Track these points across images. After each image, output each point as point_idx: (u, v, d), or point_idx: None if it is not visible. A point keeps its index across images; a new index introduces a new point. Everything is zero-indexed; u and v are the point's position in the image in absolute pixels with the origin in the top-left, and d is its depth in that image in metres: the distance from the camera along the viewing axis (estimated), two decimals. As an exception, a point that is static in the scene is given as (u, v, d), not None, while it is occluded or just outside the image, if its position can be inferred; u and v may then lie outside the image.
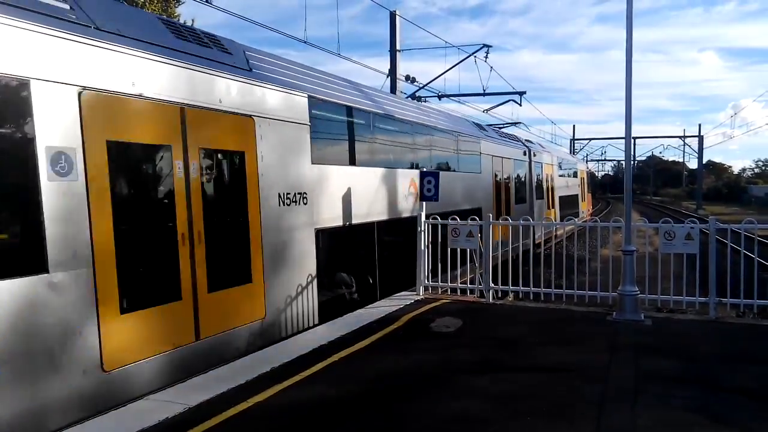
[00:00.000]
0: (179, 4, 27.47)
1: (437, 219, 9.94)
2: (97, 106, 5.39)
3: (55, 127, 4.98)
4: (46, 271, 4.84)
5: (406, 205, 11.70)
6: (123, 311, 5.60)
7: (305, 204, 8.41)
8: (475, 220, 9.55)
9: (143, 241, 5.89)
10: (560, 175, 26.90)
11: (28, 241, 4.82)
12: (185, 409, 4.91)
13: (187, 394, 5.25)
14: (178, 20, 18.86)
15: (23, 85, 4.75)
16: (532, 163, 21.35)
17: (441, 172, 11.00)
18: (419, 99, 21.08)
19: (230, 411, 4.88)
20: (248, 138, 7.35)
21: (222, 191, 7.04)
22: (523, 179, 20.35)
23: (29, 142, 4.77)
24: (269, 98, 7.80)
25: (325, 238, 9.00)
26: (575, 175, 31.63)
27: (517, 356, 6.50)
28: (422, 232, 9.97)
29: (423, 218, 9.99)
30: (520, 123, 27.77)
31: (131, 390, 5.57)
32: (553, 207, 24.59)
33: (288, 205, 8.04)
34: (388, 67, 19.06)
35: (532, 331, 7.58)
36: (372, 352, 6.65)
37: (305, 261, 8.44)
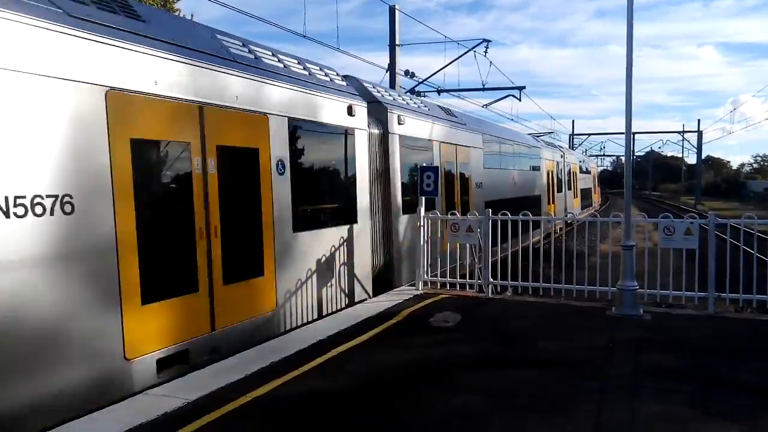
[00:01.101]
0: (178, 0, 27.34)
1: (436, 214, 9.94)
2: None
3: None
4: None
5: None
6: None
7: None
8: (539, 202, 11.27)
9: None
10: (580, 172, 34.06)
11: None
12: (185, 404, 4.91)
13: (186, 389, 5.25)
14: (179, 14, 18.77)
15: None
16: (564, 163, 28.35)
17: (528, 170, 19.75)
18: (418, 94, 21.04)
19: (229, 405, 4.88)
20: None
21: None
22: (560, 175, 26.83)
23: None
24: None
25: None
26: (589, 172, 39.44)
27: (517, 351, 6.51)
28: (422, 227, 9.96)
29: (422, 212, 9.98)
30: (552, 132, 36.47)
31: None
32: (576, 196, 31.89)
33: None
34: (388, 61, 19.01)
35: (531, 325, 7.59)
36: (371, 347, 6.65)
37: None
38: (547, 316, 8.18)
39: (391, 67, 18.85)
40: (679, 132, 69.05)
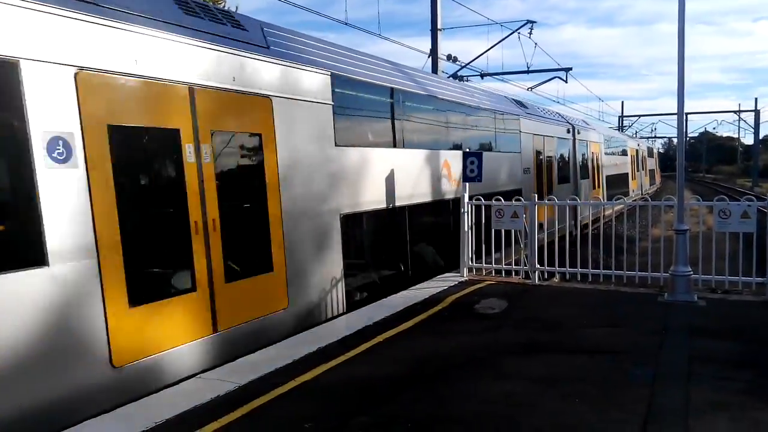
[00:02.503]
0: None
1: (481, 199, 9.84)
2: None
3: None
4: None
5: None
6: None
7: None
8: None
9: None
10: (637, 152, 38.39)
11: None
12: (236, 388, 5.05)
13: (238, 373, 5.40)
14: (224, 7, 19.01)
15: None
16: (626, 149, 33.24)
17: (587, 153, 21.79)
18: (461, 78, 20.80)
19: (278, 390, 4.99)
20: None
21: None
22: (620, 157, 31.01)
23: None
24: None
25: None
26: (651, 154, 48.66)
27: (564, 338, 6.41)
28: (465, 213, 9.88)
29: (466, 199, 9.89)
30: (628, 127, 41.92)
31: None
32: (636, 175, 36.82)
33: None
34: (429, 46, 18.84)
35: (579, 312, 7.46)
36: (416, 334, 6.67)
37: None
38: (595, 302, 8.02)
39: (433, 52, 18.66)
40: (734, 111, 66.16)
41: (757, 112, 60.36)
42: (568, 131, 20.12)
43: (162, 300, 5.62)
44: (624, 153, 32.42)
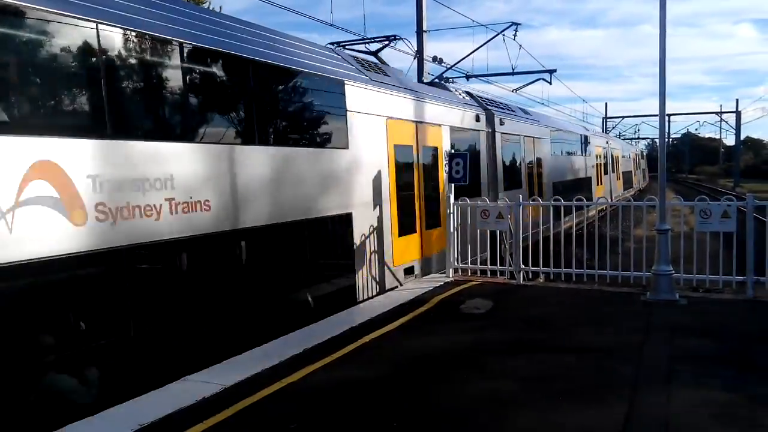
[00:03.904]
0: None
1: (466, 200, 9.89)
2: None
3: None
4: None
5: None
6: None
7: None
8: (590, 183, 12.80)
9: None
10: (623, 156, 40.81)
11: None
12: (221, 389, 5.03)
13: (223, 374, 5.38)
14: (208, 8, 18.90)
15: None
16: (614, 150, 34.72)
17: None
18: (446, 80, 20.86)
19: (264, 391, 4.99)
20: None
21: None
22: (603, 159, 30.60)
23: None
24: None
25: None
26: (641, 155, 52.65)
27: (548, 337, 6.47)
28: (451, 214, 9.94)
29: (452, 200, 9.95)
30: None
31: None
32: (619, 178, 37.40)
33: None
34: (415, 48, 18.88)
35: (563, 312, 7.53)
36: (402, 334, 6.69)
37: None
38: (579, 302, 8.10)
39: (419, 54, 18.70)
40: (716, 113, 67.06)
41: (738, 114, 61.22)
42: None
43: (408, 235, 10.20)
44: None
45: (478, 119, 13.58)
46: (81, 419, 4.55)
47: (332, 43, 12.05)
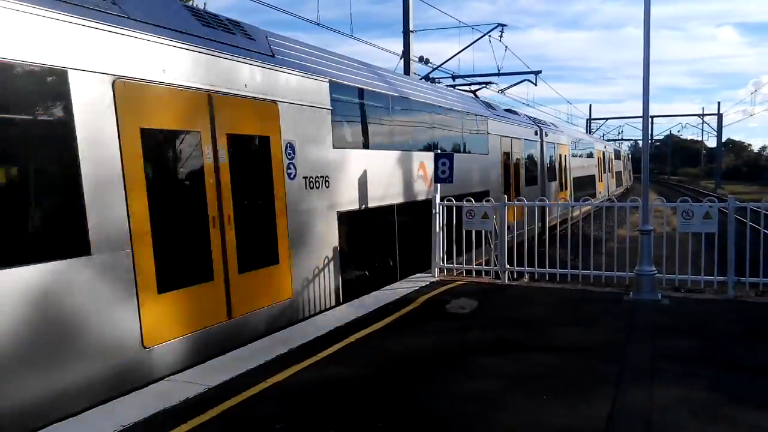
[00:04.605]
0: (191, -11, 27.34)
1: (452, 200, 9.93)
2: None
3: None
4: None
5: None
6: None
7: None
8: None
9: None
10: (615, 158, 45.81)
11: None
12: (206, 389, 5.00)
13: (208, 375, 5.34)
14: (192, 4, 18.77)
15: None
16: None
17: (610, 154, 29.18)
18: (433, 80, 20.91)
19: (250, 391, 4.96)
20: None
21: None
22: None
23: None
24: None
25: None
26: (618, 156, 51.31)
27: (533, 336, 6.51)
28: (437, 215, 9.95)
29: (438, 200, 9.97)
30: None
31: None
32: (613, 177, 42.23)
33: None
34: (401, 48, 18.91)
35: (548, 311, 7.58)
36: (388, 333, 6.69)
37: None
38: (564, 301, 8.15)
39: (405, 54, 18.74)
40: (698, 115, 68.10)
41: (719, 116, 62.09)
42: (536, 133, 20.29)
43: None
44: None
45: (536, 133, 19.52)
46: (69, 417, 4.50)
47: (428, 78, 19.50)
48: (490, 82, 20.64)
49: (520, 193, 17.33)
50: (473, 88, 19.67)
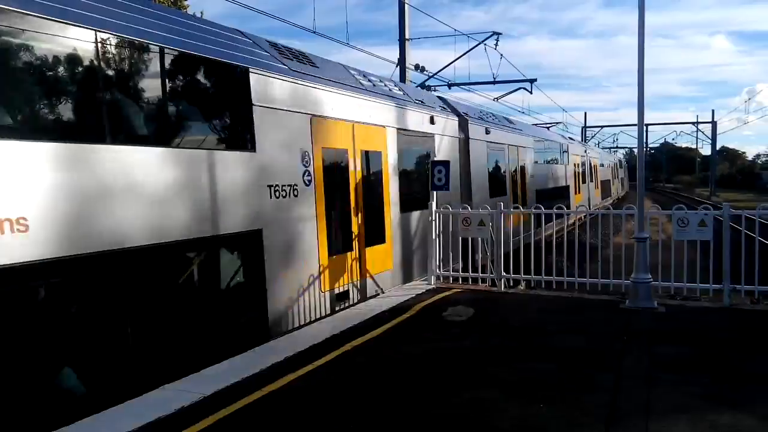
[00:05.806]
0: (187, -3, 27.43)
1: (448, 208, 9.96)
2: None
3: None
4: None
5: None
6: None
7: None
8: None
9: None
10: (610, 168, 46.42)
11: None
12: (201, 398, 4.97)
13: (203, 384, 5.31)
14: (187, 12, 18.81)
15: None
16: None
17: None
18: (428, 88, 20.98)
19: (245, 400, 4.93)
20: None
21: None
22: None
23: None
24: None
25: None
26: (620, 165, 56.14)
27: (529, 344, 6.51)
28: (434, 221, 9.96)
29: (434, 207, 9.98)
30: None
31: None
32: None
33: None
34: (397, 56, 18.95)
35: (544, 319, 7.58)
36: (385, 342, 6.68)
37: None
38: (559, 309, 8.16)
39: (401, 62, 18.78)
40: (693, 123, 68.49)
41: (714, 124, 62.48)
42: (563, 145, 26.34)
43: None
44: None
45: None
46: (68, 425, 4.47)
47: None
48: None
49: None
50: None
